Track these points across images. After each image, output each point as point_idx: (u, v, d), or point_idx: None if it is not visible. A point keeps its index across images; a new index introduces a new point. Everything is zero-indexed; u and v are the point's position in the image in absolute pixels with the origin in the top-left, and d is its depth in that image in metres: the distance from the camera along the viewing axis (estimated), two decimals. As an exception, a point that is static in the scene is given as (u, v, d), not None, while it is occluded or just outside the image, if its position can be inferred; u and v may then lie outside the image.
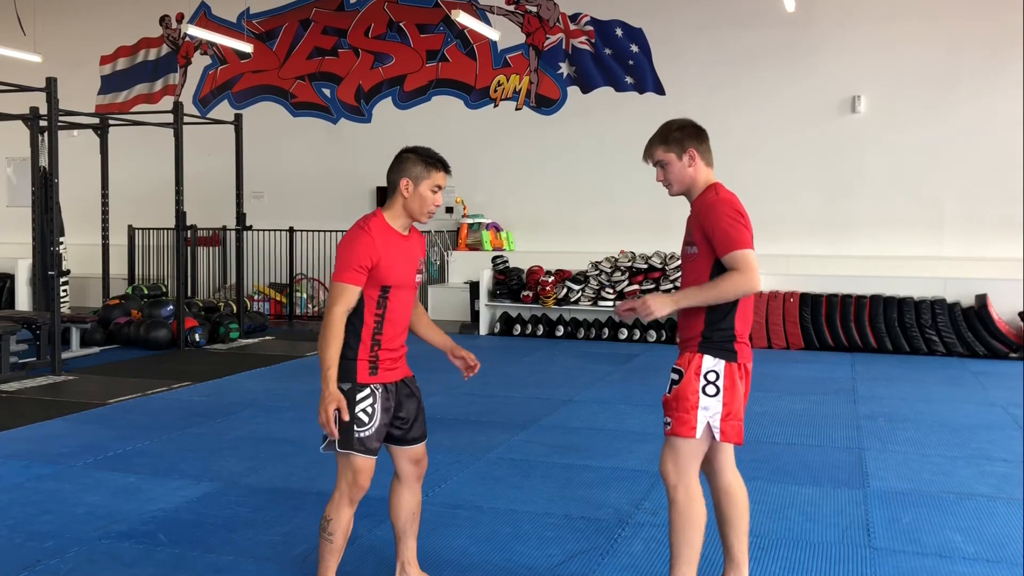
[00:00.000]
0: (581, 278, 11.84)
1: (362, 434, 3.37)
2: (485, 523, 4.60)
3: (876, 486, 5.27)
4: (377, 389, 3.40)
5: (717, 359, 3.33)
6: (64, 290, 11.13)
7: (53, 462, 5.69)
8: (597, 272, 11.84)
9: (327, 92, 14.79)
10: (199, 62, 15.53)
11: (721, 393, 3.32)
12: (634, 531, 4.47)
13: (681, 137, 3.44)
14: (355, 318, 3.38)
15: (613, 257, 12.11)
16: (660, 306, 3.32)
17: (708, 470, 3.56)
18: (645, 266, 11.66)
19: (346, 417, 3.30)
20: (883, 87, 12.18)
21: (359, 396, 3.37)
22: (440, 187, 3.45)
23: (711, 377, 3.32)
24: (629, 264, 11.76)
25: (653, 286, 11.43)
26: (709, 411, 3.31)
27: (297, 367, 9.49)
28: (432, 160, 3.44)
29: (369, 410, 3.38)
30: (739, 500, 3.55)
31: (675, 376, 3.38)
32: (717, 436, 3.33)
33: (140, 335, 10.50)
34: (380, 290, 3.39)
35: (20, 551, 4.19)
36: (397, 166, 3.46)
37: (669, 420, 3.36)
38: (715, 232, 3.29)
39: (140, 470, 5.52)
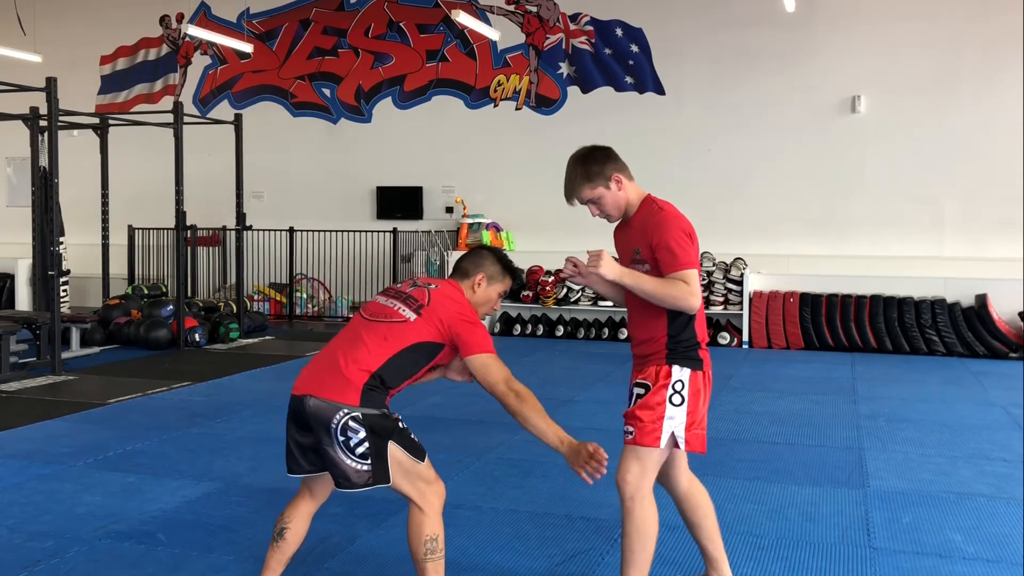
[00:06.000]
0: (581, 278, 11.84)
1: (417, 439, 3.33)
2: (485, 523, 4.60)
3: (876, 486, 5.27)
4: None
5: (683, 368, 3.32)
6: (64, 290, 11.13)
7: (53, 462, 5.69)
8: (597, 272, 11.83)
9: (327, 92, 14.79)
10: (199, 62, 15.53)
11: (686, 403, 3.31)
12: (634, 531, 4.47)
13: (601, 168, 3.40)
14: (409, 367, 3.30)
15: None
16: (609, 267, 3.31)
17: (664, 482, 3.57)
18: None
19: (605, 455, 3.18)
20: (883, 87, 12.18)
21: (394, 415, 3.31)
22: (505, 293, 3.59)
23: (677, 387, 3.31)
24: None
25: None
26: (675, 421, 3.30)
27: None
28: (510, 269, 3.58)
29: (405, 423, 3.35)
30: (699, 503, 3.57)
31: (640, 391, 3.36)
32: (681, 446, 3.32)
33: (140, 335, 10.49)
34: (438, 361, 3.41)
35: (20, 551, 4.19)
36: (476, 259, 3.52)
37: (632, 429, 3.33)
38: (661, 249, 3.29)
39: (140, 470, 5.51)
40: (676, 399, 3.31)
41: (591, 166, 3.41)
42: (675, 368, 3.32)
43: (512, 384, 3.27)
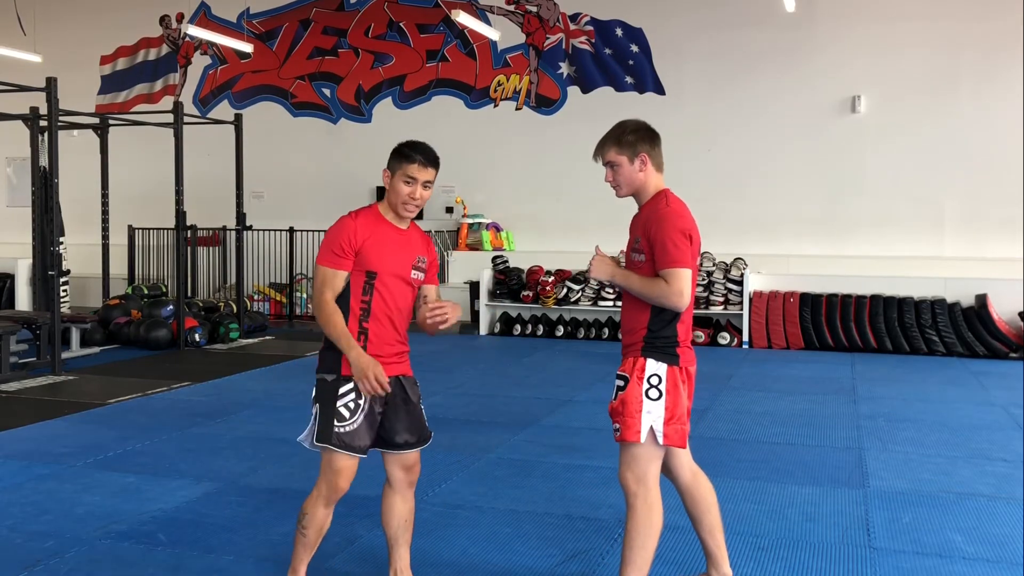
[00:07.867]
0: (581, 278, 11.84)
1: (342, 430, 3.31)
2: (485, 523, 4.60)
3: (876, 486, 5.27)
4: None
5: (659, 363, 3.34)
6: (64, 290, 11.13)
7: (53, 462, 5.69)
8: (597, 272, 11.82)
9: (327, 92, 14.79)
10: (199, 62, 15.53)
11: (664, 397, 3.32)
12: (634, 531, 4.46)
13: (635, 140, 3.44)
14: (341, 304, 3.36)
15: (613, 257, 12.11)
16: (598, 269, 3.46)
17: (667, 475, 3.58)
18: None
19: (385, 382, 3.28)
20: (883, 87, 12.18)
21: (342, 390, 3.32)
22: (412, 178, 3.36)
23: (654, 381, 3.33)
24: (629, 264, 11.76)
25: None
26: (652, 415, 3.32)
27: (297, 367, 9.48)
28: (405, 152, 3.38)
29: (352, 405, 3.33)
30: (701, 498, 3.56)
31: (620, 383, 3.39)
32: (660, 440, 3.33)
33: (140, 335, 10.49)
34: (365, 276, 3.35)
35: (20, 551, 4.19)
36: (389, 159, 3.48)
37: (617, 426, 3.37)
38: (656, 244, 3.33)
39: (140, 470, 5.51)
40: (653, 393, 3.32)
41: (628, 135, 3.46)
42: (650, 361, 3.34)
43: (324, 294, 3.34)
